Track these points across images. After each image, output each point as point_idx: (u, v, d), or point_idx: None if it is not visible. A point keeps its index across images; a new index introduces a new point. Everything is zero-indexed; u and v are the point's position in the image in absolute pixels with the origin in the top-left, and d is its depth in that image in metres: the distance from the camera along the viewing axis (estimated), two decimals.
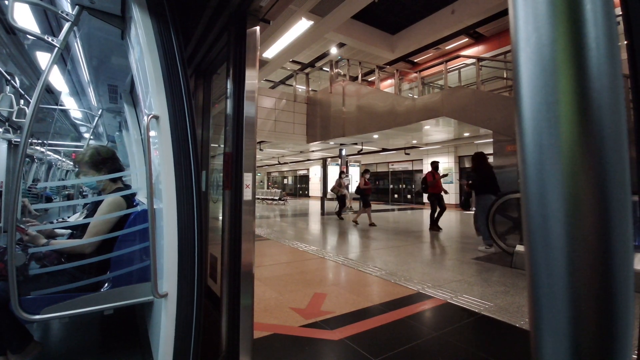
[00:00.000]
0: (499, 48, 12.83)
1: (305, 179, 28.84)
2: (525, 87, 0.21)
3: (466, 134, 12.50)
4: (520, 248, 4.90)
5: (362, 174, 9.89)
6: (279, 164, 26.05)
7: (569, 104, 0.19)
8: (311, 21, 6.92)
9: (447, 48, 15.19)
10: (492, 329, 2.82)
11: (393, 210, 15.66)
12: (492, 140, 7.38)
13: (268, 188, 28.45)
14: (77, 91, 4.56)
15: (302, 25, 7.08)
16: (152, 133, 1.78)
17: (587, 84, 0.19)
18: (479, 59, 8.58)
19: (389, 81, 16.42)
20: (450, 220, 10.95)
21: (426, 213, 13.79)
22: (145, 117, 1.69)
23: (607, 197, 0.19)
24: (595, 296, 0.19)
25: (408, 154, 17.15)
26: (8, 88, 5.23)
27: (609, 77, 0.18)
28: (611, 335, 0.19)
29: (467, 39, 14.41)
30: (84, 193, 6.50)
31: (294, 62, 15.93)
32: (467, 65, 10.08)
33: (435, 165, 8.50)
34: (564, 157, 0.19)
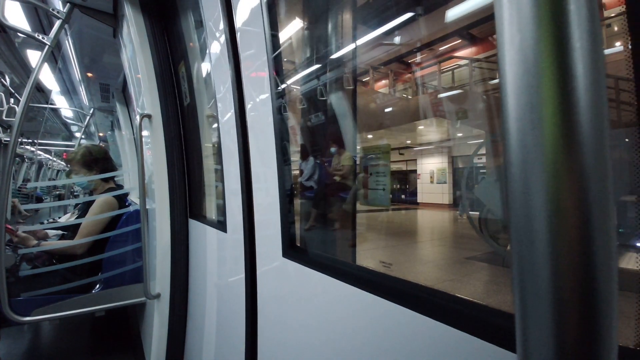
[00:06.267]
0: (492, 49, 12.93)
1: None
2: (509, 88, 0.21)
3: (459, 134, 12.57)
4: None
5: None
6: None
7: (551, 105, 0.19)
8: None
9: (441, 49, 15.25)
10: None
11: (387, 210, 15.69)
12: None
13: None
14: (69, 90, 4.50)
15: None
16: (144, 132, 1.76)
17: (570, 85, 0.19)
18: (473, 60, 8.64)
19: (384, 81, 16.43)
20: (443, 219, 11.01)
21: (420, 213, 13.82)
22: (138, 117, 1.67)
23: (589, 197, 0.19)
24: (577, 292, 0.19)
25: (402, 154, 17.18)
26: None
27: (592, 79, 0.19)
28: (594, 329, 0.20)
29: (460, 40, 14.49)
30: (75, 193, 6.42)
31: None
32: (461, 66, 10.15)
33: None
34: (547, 158, 0.19)
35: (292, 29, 1.70)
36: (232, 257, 1.27)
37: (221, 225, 1.35)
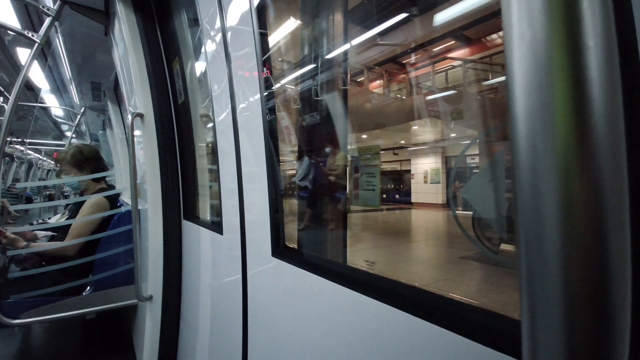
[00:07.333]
0: (486, 50, 13.01)
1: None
2: (518, 86, 0.20)
3: (453, 135, 12.64)
4: (504, 247, 4.97)
5: None
6: None
7: (564, 104, 0.19)
8: None
9: (435, 50, 15.32)
10: None
11: (381, 210, 15.73)
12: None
13: None
14: (59, 88, 4.44)
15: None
16: (136, 132, 1.74)
17: (584, 83, 0.18)
18: (466, 61, 8.70)
19: (378, 82, 16.47)
20: (437, 219, 11.07)
21: (414, 213, 13.87)
22: (130, 116, 1.65)
23: (603, 200, 0.18)
24: (590, 299, 0.19)
25: (396, 154, 17.22)
26: None
27: (607, 76, 0.18)
28: (606, 336, 0.19)
29: (454, 41, 14.57)
30: (66, 193, 6.33)
31: None
32: (454, 67, 10.21)
33: None
34: (559, 160, 0.19)
35: (286, 29, 1.69)
36: (228, 258, 1.26)
37: (217, 226, 1.33)
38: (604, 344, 0.19)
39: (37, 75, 4.16)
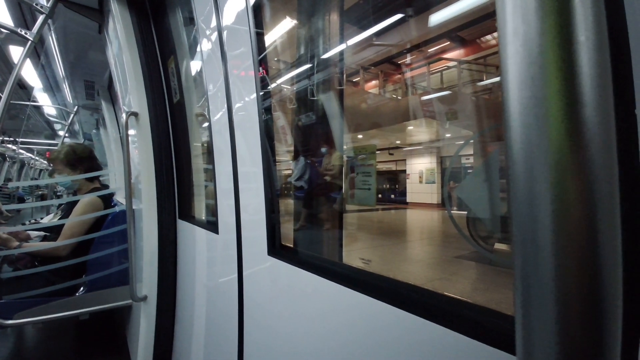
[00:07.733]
0: (480, 51, 13.10)
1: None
2: (512, 82, 0.20)
3: (448, 135, 12.71)
4: (499, 246, 4.99)
5: None
6: None
7: (556, 98, 0.19)
8: None
9: (430, 51, 15.38)
10: None
11: (377, 210, 15.76)
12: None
13: None
14: (52, 87, 4.39)
15: None
16: (131, 131, 1.73)
17: (575, 79, 0.19)
18: (461, 62, 8.75)
19: (374, 82, 16.50)
20: (432, 219, 11.12)
21: (409, 213, 13.92)
22: (124, 115, 1.64)
23: (595, 196, 0.19)
24: (582, 293, 0.19)
25: (392, 154, 17.27)
26: None
27: (598, 72, 0.18)
28: (598, 331, 0.19)
29: (449, 42, 14.64)
30: (59, 193, 6.27)
31: None
32: (449, 67, 10.28)
33: None
34: (552, 155, 0.19)
35: (282, 28, 1.69)
36: (224, 258, 1.26)
37: (212, 226, 1.33)
38: (597, 340, 0.19)
39: (29, 73, 4.12)
